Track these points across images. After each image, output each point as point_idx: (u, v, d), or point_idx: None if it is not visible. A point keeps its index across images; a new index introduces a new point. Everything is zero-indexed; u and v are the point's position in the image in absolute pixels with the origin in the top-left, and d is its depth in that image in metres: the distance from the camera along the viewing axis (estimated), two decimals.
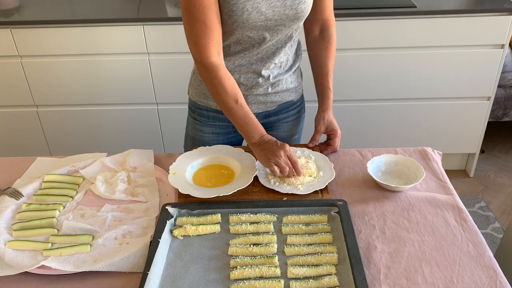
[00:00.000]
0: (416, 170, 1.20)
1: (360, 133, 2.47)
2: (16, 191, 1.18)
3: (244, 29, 1.16)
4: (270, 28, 1.18)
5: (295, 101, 1.42)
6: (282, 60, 1.29)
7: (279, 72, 1.31)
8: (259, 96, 1.34)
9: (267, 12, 1.14)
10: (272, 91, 1.33)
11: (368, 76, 2.29)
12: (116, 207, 1.15)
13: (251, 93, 1.32)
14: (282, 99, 1.37)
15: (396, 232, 1.05)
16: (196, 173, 1.23)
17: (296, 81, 1.38)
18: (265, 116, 1.40)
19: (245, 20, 1.13)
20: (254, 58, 1.26)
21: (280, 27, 1.19)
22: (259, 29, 1.17)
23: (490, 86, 2.31)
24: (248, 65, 1.27)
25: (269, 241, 1.01)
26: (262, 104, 1.36)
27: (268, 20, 1.15)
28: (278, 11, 1.15)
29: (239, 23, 1.14)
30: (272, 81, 1.31)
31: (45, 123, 2.45)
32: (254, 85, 1.30)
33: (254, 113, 1.34)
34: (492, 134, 2.98)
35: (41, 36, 2.18)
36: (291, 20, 1.18)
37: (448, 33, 2.16)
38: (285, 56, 1.30)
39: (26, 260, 0.98)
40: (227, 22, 1.15)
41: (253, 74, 1.29)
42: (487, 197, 2.49)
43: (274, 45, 1.24)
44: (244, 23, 1.14)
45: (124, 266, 0.96)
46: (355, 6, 2.16)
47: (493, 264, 0.96)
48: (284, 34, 1.22)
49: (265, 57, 1.26)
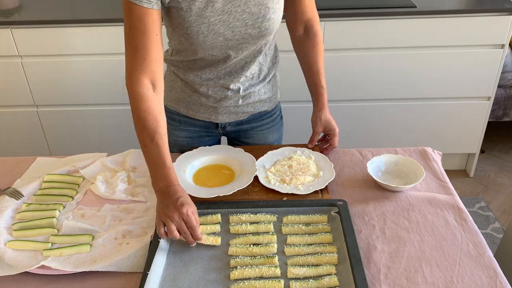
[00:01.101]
0: (416, 170, 1.20)
1: (360, 133, 2.47)
2: (16, 191, 1.18)
3: (204, 49, 1.12)
4: (233, 47, 1.13)
5: (269, 111, 1.38)
6: (254, 71, 1.25)
7: (250, 83, 1.27)
8: (230, 107, 1.30)
9: (226, 33, 1.09)
10: (243, 103, 1.30)
11: (368, 76, 2.29)
12: (116, 207, 1.15)
13: (221, 105, 1.29)
14: (254, 110, 1.33)
15: (396, 232, 1.05)
16: (196, 173, 1.23)
17: (270, 91, 1.33)
18: (237, 123, 1.37)
19: (201, 42, 1.09)
20: (222, 72, 1.21)
21: (244, 45, 1.14)
22: (221, 48, 1.13)
23: (490, 86, 2.31)
24: (216, 79, 1.23)
25: (269, 241, 1.01)
26: (233, 114, 1.32)
27: (228, 40, 1.10)
28: (239, 31, 1.09)
29: (196, 45, 1.11)
30: (243, 94, 1.27)
31: (45, 123, 2.45)
32: (223, 97, 1.27)
33: (225, 122, 1.34)
34: (492, 134, 2.98)
35: (41, 36, 2.18)
36: (255, 38, 1.13)
37: (448, 33, 2.16)
38: (257, 67, 1.25)
39: (26, 260, 0.98)
40: (185, 43, 1.12)
41: (221, 88, 1.25)
42: (487, 197, 2.49)
43: (243, 60, 1.20)
44: (202, 45, 1.10)
45: (124, 266, 0.96)
46: (355, 6, 2.16)
47: (493, 264, 0.96)
48: (251, 50, 1.18)
49: (233, 71, 1.22)
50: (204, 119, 1.34)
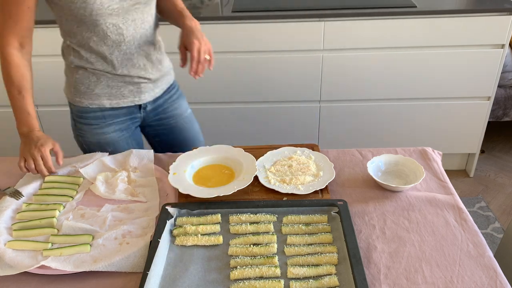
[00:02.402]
0: (416, 170, 1.20)
1: (360, 133, 2.47)
2: (16, 191, 1.18)
3: (104, 16, 1.19)
4: (128, 10, 1.22)
5: (171, 82, 1.49)
6: (155, 40, 1.35)
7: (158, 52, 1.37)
8: (150, 84, 1.39)
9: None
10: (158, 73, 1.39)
11: (368, 76, 2.29)
12: (116, 207, 1.15)
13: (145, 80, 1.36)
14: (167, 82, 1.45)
15: (396, 232, 1.05)
16: (196, 173, 1.23)
17: (167, 62, 1.45)
18: (154, 101, 1.45)
19: (99, 5, 1.17)
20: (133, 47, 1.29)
21: (137, 5, 1.23)
22: (119, 13, 1.21)
23: (490, 86, 2.31)
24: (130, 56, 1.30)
25: (269, 241, 1.01)
26: (151, 91, 1.41)
27: (123, 1, 1.19)
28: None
29: (96, 11, 1.17)
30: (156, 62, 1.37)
31: (45, 123, 2.45)
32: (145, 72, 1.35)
33: (147, 100, 1.41)
34: (492, 134, 2.98)
35: (41, 36, 2.18)
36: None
37: (448, 33, 2.16)
38: (152, 36, 1.33)
39: (26, 260, 0.98)
40: (82, 15, 1.18)
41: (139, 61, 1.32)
42: (487, 197, 2.49)
43: (143, 27, 1.28)
44: (101, 9, 1.17)
45: (124, 266, 0.96)
46: (355, 6, 2.16)
47: (493, 264, 0.96)
48: (145, 13, 1.27)
49: (142, 42, 1.30)
50: (127, 105, 1.39)
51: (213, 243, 1.01)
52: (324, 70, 2.25)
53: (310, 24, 2.12)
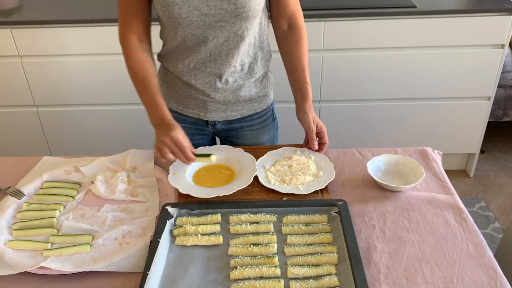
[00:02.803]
0: (416, 170, 1.20)
1: (360, 133, 2.47)
2: (18, 190, 1.18)
3: (182, 25, 1.16)
4: (211, 25, 1.16)
5: (259, 111, 1.38)
6: (243, 63, 1.26)
7: (240, 76, 1.28)
8: (219, 105, 1.32)
9: (200, 7, 1.13)
10: (233, 99, 1.31)
11: (368, 76, 2.29)
12: (116, 207, 1.15)
13: (210, 99, 1.31)
14: (243, 109, 1.35)
15: (396, 232, 1.05)
16: (196, 173, 1.23)
17: (262, 91, 1.35)
18: (227, 122, 1.38)
19: (177, 15, 1.14)
20: (208, 60, 1.24)
21: (222, 23, 1.16)
22: (199, 25, 1.16)
23: (490, 86, 2.31)
24: (202, 68, 1.25)
25: (269, 241, 1.01)
26: (223, 112, 1.34)
27: (204, 15, 1.14)
28: (214, 6, 1.13)
29: (173, 19, 1.15)
30: (232, 87, 1.29)
31: (45, 123, 2.45)
32: (212, 91, 1.29)
33: (214, 120, 1.36)
34: (492, 134, 2.98)
35: (41, 36, 2.18)
36: (232, 16, 1.15)
37: (448, 33, 2.16)
38: (246, 59, 1.26)
39: (26, 260, 0.98)
40: (163, 18, 1.17)
41: (209, 77, 1.27)
42: (487, 197, 2.49)
43: (226, 46, 1.21)
44: (177, 18, 1.14)
45: (124, 266, 0.96)
46: (355, 6, 2.16)
47: (493, 264, 0.96)
48: (231, 33, 1.19)
49: (218, 58, 1.23)
50: (194, 116, 1.35)
51: (213, 243, 1.01)
52: (324, 70, 2.25)
53: (310, 24, 2.12)
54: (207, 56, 1.23)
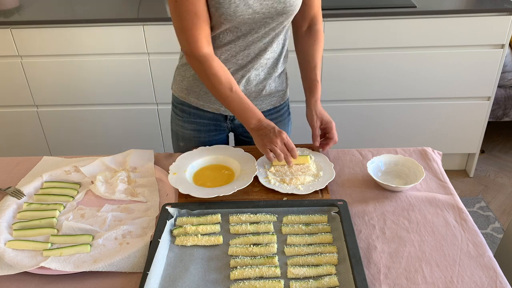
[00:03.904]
0: (416, 170, 1.20)
1: (360, 133, 2.47)
2: (18, 190, 1.18)
3: (231, 22, 1.15)
4: (257, 21, 1.17)
5: (277, 106, 1.40)
6: (270, 58, 1.28)
7: (263, 70, 1.30)
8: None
9: (254, 5, 1.13)
10: (255, 91, 1.32)
11: (368, 76, 2.29)
12: (116, 207, 1.15)
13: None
14: (263, 103, 1.36)
15: (396, 232, 1.05)
16: (196, 173, 1.23)
17: (280, 86, 1.37)
18: None
19: (232, 13, 1.12)
20: (240, 54, 1.24)
21: (267, 20, 1.17)
22: (247, 22, 1.16)
23: (490, 86, 2.31)
24: (233, 60, 1.25)
25: (269, 241, 1.01)
26: None
27: (256, 13, 1.14)
28: (266, 4, 1.14)
29: (226, 16, 1.13)
30: (256, 79, 1.30)
31: (45, 123, 2.45)
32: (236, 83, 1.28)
33: (233, 115, 1.33)
34: (492, 134, 2.98)
35: (41, 36, 2.18)
36: (279, 14, 1.17)
37: (448, 33, 2.16)
38: (273, 55, 1.29)
39: (26, 260, 0.98)
40: (215, 14, 1.14)
41: (237, 69, 1.27)
42: (487, 197, 2.49)
43: (261, 41, 1.22)
44: (232, 15, 1.13)
45: (124, 266, 0.96)
46: (355, 6, 2.16)
47: (493, 264, 0.96)
48: (270, 29, 1.21)
49: (251, 53, 1.24)
50: (214, 111, 1.36)
51: (213, 243, 1.01)
52: (324, 70, 2.25)
53: None
54: (241, 49, 1.23)
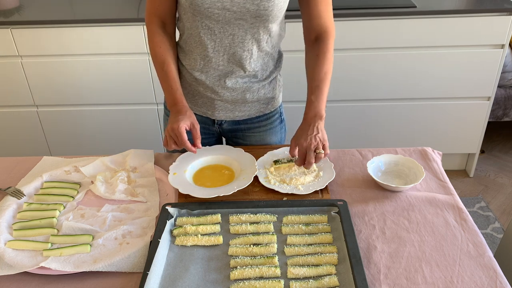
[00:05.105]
0: (416, 170, 1.20)
1: (360, 133, 2.47)
2: (18, 190, 1.18)
3: (202, 15, 1.15)
4: (229, 22, 1.16)
5: (267, 113, 1.38)
6: (256, 66, 1.25)
7: (249, 77, 1.28)
8: (227, 104, 1.31)
9: (224, 0, 1.12)
10: (241, 99, 1.30)
11: (368, 76, 2.29)
12: (116, 207, 1.15)
13: (218, 97, 1.29)
14: (251, 110, 1.34)
15: (396, 232, 1.05)
16: (196, 173, 1.23)
17: (270, 93, 1.34)
18: (234, 123, 1.37)
19: (199, 2, 1.13)
20: (221, 58, 1.23)
21: (240, 21, 1.16)
22: (218, 18, 1.15)
23: (490, 86, 2.31)
24: (214, 65, 1.24)
25: (269, 241, 1.01)
26: (230, 112, 1.33)
27: (226, 10, 1.13)
28: (238, 3, 1.12)
29: (195, 6, 1.14)
30: (242, 86, 1.28)
31: (45, 123, 2.45)
32: (220, 89, 1.28)
33: (221, 119, 1.35)
34: (492, 134, 2.98)
35: (41, 36, 2.18)
36: (252, 16, 1.15)
37: (448, 33, 2.16)
38: (259, 63, 1.26)
39: (26, 260, 0.98)
40: (185, 4, 1.15)
41: (220, 74, 1.26)
42: (487, 197, 2.49)
43: (240, 47, 1.20)
44: (200, 6, 1.13)
45: (124, 266, 0.96)
46: (355, 6, 2.16)
47: (493, 264, 0.96)
48: (248, 34, 1.18)
49: (232, 58, 1.22)
50: (201, 114, 1.35)
51: (213, 243, 1.01)
52: None
53: None
54: (220, 54, 1.22)
